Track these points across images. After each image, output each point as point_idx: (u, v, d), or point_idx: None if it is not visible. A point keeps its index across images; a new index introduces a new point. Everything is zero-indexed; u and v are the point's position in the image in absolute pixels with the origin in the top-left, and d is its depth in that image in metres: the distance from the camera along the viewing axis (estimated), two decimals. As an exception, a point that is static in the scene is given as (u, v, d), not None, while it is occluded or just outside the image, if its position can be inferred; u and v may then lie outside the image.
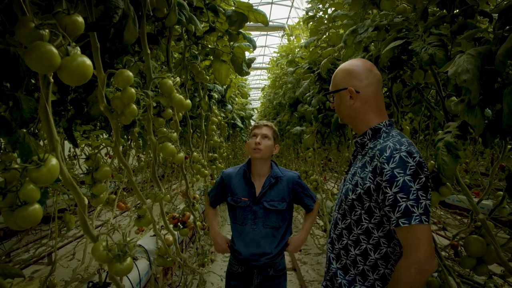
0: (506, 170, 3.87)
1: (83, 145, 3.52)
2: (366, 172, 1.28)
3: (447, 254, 3.35)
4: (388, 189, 1.18)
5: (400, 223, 1.15)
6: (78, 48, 0.74)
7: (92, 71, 0.74)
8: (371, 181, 1.26)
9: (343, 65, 1.48)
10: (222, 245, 2.31)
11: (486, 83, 1.18)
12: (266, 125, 2.28)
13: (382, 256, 1.29)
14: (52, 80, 0.78)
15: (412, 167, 1.18)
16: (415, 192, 1.15)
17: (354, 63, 1.45)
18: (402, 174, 1.17)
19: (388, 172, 1.19)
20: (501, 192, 1.89)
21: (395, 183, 1.17)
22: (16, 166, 0.78)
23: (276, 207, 2.19)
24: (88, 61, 0.73)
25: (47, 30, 0.70)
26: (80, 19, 0.77)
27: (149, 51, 1.40)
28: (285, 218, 2.24)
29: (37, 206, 0.76)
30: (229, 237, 2.36)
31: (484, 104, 1.19)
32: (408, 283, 1.15)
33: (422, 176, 1.18)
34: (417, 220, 1.13)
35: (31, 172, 0.75)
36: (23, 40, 0.69)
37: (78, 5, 0.77)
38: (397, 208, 1.16)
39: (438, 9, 1.66)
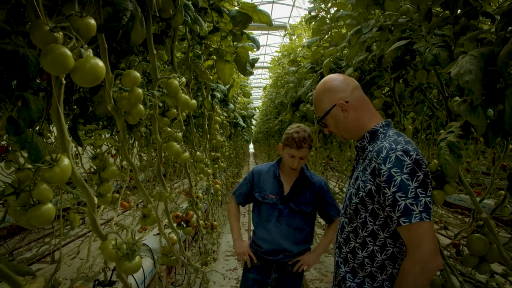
0: (507, 170, 3.88)
1: (85, 145, 3.54)
2: (366, 175, 1.29)
3: (449, 253, 3.36)
4: (387, 189, 1.19)
5: (401, 222, 1.16)
6: (91, 50, 0.76)
7: (104, 73, 0.76)
8: (371, 183, 1.27)
9: (318, 90, 1.49)
10: (244, 249, 2.31)
11: (488, 83, 1.20)
12: (305, 147, 2.14)
13: (389, 256, 1.30)
14: (64, 81, 0.79)
15: (409, 166, 1.18)
16: (413, 190, 1.15)
17: (328, 81, 1.47)
18: (399, 173, 1.17)
19: (385, 172, 1.20)
20: (503, 192, 1.90)
21: (392, 183, 1.17)
22: (29, 166, 0.79)
23: (301, 208, 2.22)
24: (100, 63, 0.75)
25: (61, 33, 0.72)
26: (93, 21, 0.78)
27: (155, 52, 1.41)
28: (309, 221, 2.28)
29: (50, 205, 0.77)
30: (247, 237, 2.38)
31: (486, 104, 1.20)
32: (413, 281, 1.15)
33: (420, 174, 1.18)
34: (417, 218, 1.13)
35: (44, 172, 0.76)
36: (38, 42, 0.71)
37: (91, 7, 0.78)
38: (397, 208, 1.16)
39: (441, 9, 1.67)
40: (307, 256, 2.24)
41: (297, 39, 5.14)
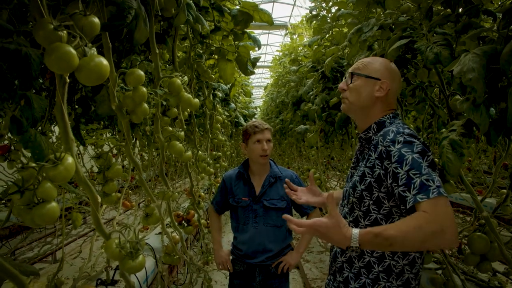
0: (509, 168, 3.88)
1: (87, 144, 3.55)
2: (372, 160, 1.28)
3: (450, 252, 3.36)
4: (399, 168, 1.15)
5: (418, 199, 1.08)
6: (95, 49, 0.76)
7: (109, 71, 0.76)
8: (379, 167, 1.24)
9: (382, 59, 1.46)
10: (222, 259, 2.31)
11: (491, 82, 1.20)
12: (267, 128, 2.27)
13: None
14: (68, 80, 0.80)
15: (419, 146, 1.17)
16: (426, 167, 1.12)
17: (392, 64, 1.46)
18: (410, 152, 1.15)
19: (396, 152, 1.17)
20: (505, 190, 1.90)
21: (404, 162, 1.14)
22: (33, 164, 0.80)
23: (275, 205, 2.22)
24: (105, 62, 0.75)
25: (65, 32, 0.72)
26: (96, 20, 0.78)
27: (157, 51, 1.42)
28: None
29: (54, 204, 0.78)
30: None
31: (488, 102, 1.20)
32: (426, 234, 1.03)
33: (429, 154, 1.17)
34: (435, 193, 1.07)
35: (49, 171, 0.77)
36: (42, 41, 0.71)
37: (94, 6, 0.78)
38: (412, 185, 1.11)
39: (442, 8, 1.67)
40: (289, 256, 2.24)
41: (298, 38, 5.14)
